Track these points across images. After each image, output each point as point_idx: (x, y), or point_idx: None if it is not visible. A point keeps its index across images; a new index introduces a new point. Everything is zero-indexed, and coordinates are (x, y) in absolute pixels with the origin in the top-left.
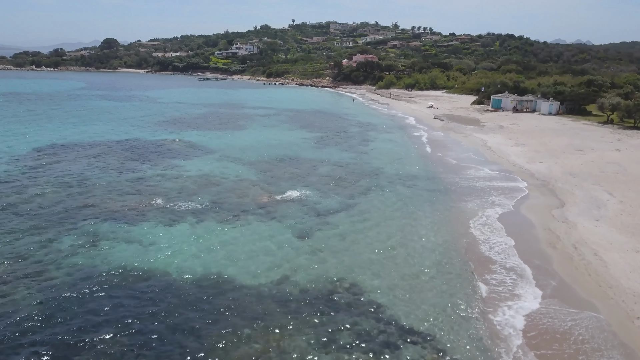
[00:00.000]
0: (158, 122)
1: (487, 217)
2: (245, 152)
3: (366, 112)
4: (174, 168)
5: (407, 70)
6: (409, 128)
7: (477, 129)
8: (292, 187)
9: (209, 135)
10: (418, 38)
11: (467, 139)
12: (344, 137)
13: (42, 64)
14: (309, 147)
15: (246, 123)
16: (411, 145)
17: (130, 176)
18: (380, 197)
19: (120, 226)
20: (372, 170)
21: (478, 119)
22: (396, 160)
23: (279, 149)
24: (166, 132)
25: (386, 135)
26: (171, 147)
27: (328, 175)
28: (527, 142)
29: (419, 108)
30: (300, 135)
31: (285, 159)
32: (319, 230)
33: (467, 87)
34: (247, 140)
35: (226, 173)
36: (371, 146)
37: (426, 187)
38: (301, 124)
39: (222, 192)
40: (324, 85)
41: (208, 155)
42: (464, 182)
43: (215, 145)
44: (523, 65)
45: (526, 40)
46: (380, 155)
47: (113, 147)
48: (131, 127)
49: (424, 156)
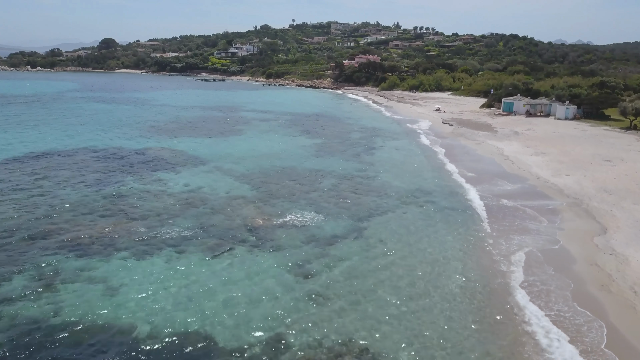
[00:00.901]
0: (148, 127)
1: (519, 245)
2: (239, 163)
3: (369, 115)
4: (158, 182)
5: (410, 71)
6: (416, 134)
7: (490, 135)
8: (291, 206)
9: (202, 142)
10: (420, 38)
11: (481, 146)
12: (347, 145)
13: (38, 65)
14: (309, 156)
15: (243, 128)
16: (421, 154)
17: (108, 193)
18: (393, 220)
19: (85, 261)
20: (380, 184)
21: (490, 124)
22: (406, 172)
23: (277, 158)
24: (155, 139)
25: (393, 143)
26: (158, 157)
27: (331, 190)
28: (547, 150)
29: (425, 111)
30: (300, 142)
31: (284, 170)
32: (323, 268)
33: (474, 89)
34: (243, 148)
35: (217, 188)
36: (377, 155)
37: (445, 207)
38: (301, 129)
39: (210, 214)
40: (325, 86)
41: (198, 167)
42: (486, 200)
43: (208, 155)
44: (530, 66)
45: (530, 41)
46: (388, 166)
47: (94, 157)
48: (118, 133)
49: (436, 167)
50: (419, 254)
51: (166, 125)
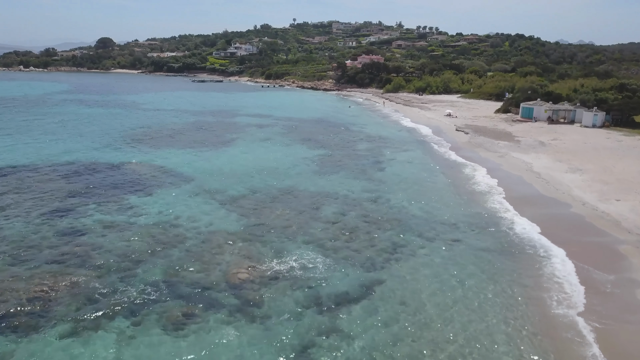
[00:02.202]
0: (131, 136)
1: (579, 311)
2: (227, 182)
3: (375, 121)
4: (127, 211)
5: (416, 73)
6: (428, 143)
7: (512, 145)
8: (286, 245)
9: (188, 155)
10: (424, 38)
11: (505, 160)
12: (352, 157)
13: (31, 64)
14: (310, 172)
15: (236, 137)
16: (437, 170)
17: (61, 227)
18: (417, 269)
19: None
20: (395, 212)
21: (510, 132)
22: (423, 193)
23: (273, 175)
24: (136, 151)
25: (404, 155)
26: (135, 175)
27: (336, 221)
28: (584, 166)
29: (435, 117)
30: (300, 154)
31: (280, 192)
32: (327, 352)
33: (484, 91)
34: (234, 162)
35: (197, 219)
36: (388, 170)
37: (478, 246)
38: (301, 137)
39: (182, 261)
40: (326, 87)
41: (180, 187)
42: (527, 235)
43: (192, 171)
44: (541, 67)
45: (537, 41)
46: (401, 185)
47: (60, 174)
48: (96, 143)
49: (457, 187)
50: (448, 326)
51: (152, 133)
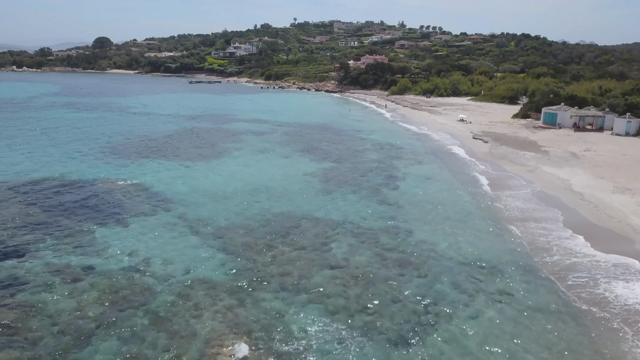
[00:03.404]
0: (111, 146)
1: None
2: (216, 207)
3: (383, 127)
4: (87, 249)
5: (422, 73)
6: (445, 154)
7: (541, 157)
8: (282, 308)
9: (173, 170)
10: (427, 38)
11: (536, 175)
12: (361, 172)
13: (24, 65)
14: (313, 191)
15: (230, 147)
16: (460, 188)
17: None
18: (457, 343)
19: None
20: (419, 251)
21: (534, 141)
22: (451, 222)
23: (269, 197)
24: (113, 166)
25: (419, 168)
26: (107, 196)
27: (346, 265)
28: (632, 184)
29: (447, 122)
30: (302, 168)
31: (277, 220)
32: None
33: (496, 94)
34: (225, 180)
35: (171, 264)
36: (403, 190)
37: (536, 305)
38: (303, 146)
39: (144, 332)
40: (328, 89)
41: (156, 215)
42: (592, 290)
43: (175, 192)
44: (553, 67)
45: (543, 41)
46: (422, 209)
47: (14, 196)
48: (70, 155)
49: (488, 213)
50: None
51: (136, 143)
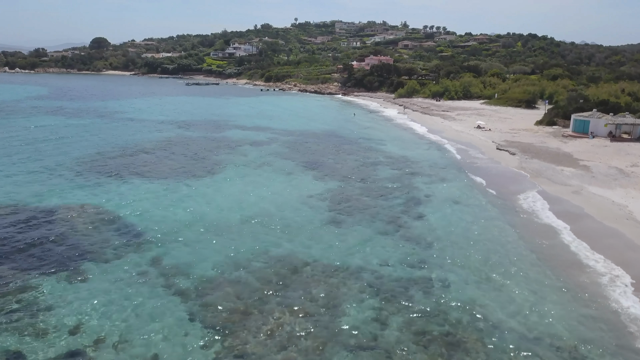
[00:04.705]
0: (85, 160)
1: None
2: (198, 249)
3: (394, 134)
4: (11, 330)
5: (430, 75)
6: (470, 169)
7: (583, 174)
8: None
9: (152, 192)
10: (431, 38)
11: (583, 199)
12: (375, 193)
13: (17, 65)
14: (318, 223)
15: (223, 161)
16: (499, 217)
17: None
18: None
19: None
20: (465, 318)
21: (568, 154)
22: (498, 270)
23: (264, 231)
24: (81, 187)
25: (443, 188)
26: (62, 231)
27: (370, 348)
28: None
29: (463, 129)
30: (305, 189)
31: (272, 268)
32: None
33: (511, 97)
34: (214, 209)
35: (131, 346)
36: (428, 219)
37: None
38: (306, 159)
39: None
40: (331, 91)
41: (122, 260)
42: None
43: (151, 224)
44: (568, 69)
45: (551, 41)
46: (457, 250)
47: None
48: (37, 172)
49: (543, 254)
50: None
51: (115, 156)
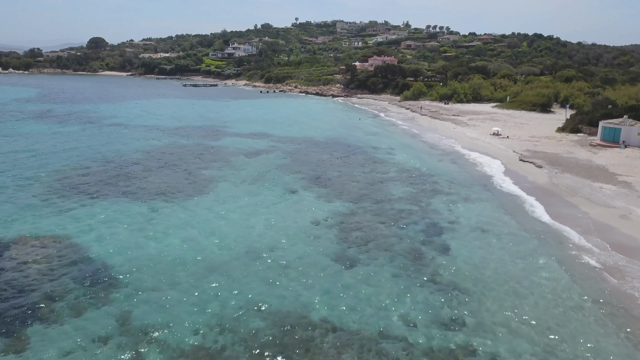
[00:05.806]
0: (58, 177)
1: None
2: (177, 304)
3: (403, 142)
4: None
5: (437, 77)
6: (493, 186)
7: (626, 193)
8: None
9: (131, 217)
10: (434, 38)
11: (634, 225)
12: (389, 218)
13: (11, 66)
14: (326, 263)
15: (214, 176)
16: (543, 251)
17: None
18: None
19: None
20: None
21: (603, 167)
22: (559, 334)
23: (260, 279)
24: (45, 212)
25: (468, 210)
26: (11, 275)
27: None
28: None
29: (478, 136)
30: (309, 215)
31: (272, 342)
32: None
33: (524, 100)
34: (200, 243)
35: None
36: (457, 255)
37: None
38: (308, 173)
39: None
40: (334, 93)
41: (82, 317)
42: None
43: (122, 266)
44: (581, 70)
45: (557, 41)
46: (499, 302)
47: None
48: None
49: (609, 306)
50: None
51: (94, 170)
